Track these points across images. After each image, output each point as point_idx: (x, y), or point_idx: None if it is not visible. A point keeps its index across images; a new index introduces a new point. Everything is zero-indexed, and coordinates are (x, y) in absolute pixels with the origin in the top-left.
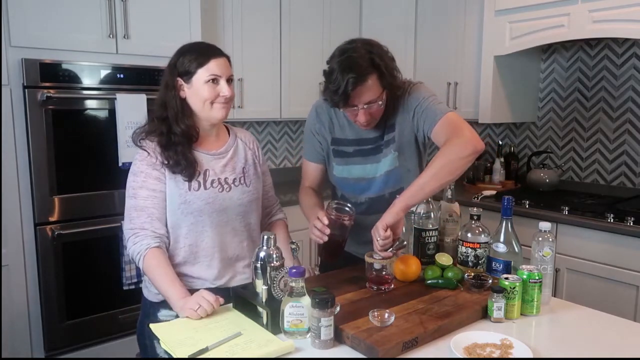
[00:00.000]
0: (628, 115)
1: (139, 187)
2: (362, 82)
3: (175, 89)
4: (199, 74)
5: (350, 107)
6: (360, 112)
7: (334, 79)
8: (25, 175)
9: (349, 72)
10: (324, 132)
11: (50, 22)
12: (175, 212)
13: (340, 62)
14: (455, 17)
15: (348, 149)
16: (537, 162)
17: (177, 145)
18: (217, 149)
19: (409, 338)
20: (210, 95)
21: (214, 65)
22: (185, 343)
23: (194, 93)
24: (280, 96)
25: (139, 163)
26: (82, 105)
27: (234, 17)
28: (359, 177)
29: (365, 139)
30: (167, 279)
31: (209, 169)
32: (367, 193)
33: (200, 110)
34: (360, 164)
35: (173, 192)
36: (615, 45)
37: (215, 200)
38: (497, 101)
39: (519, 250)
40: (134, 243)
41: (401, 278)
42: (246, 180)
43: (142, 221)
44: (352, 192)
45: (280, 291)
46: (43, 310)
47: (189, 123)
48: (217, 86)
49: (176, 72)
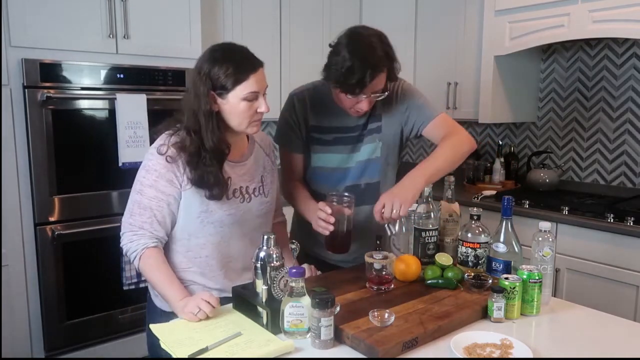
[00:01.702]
0: (628, 115)
1: (148, 185)
2: (379, 73)
3: (207, 101)
4: (237, 91)
5: (357, 95)
6: (365, 100)
7: (351, 66)
8: (25, 175)
9: (368, 62)
10: (302, 121)
11: (50, 22)
12: (194, 220)
13: (359, 51)
14: (455, 17)
15: (327, 136)
16: (537, 162)
17: (209, 167)
18: (238, 156)
19: (409, 338)
20: (248, 112)
21: (253, 82)
22: (185, 343)
23: (230, 109)
24: (280, 96)
25: (155, 161)
26: (82, 105)
27: (234, 18)
28: (336, 167)
29: (347, 127)
30: (166, 279)
31: (231, 176)
32: (343, 182)
33: (236, 125)
34: (338, 153)
35: (193, 198)
36: (615, 45)
37: (236, 211)
38: (497, 101)
39: (519, 250)
40: (130, 240)
41: (401, 278)
42: (264, 190)
43: (143, 220)
44: (327, 183)
45: (280, 291)
46: (43, 310)
47: (221, 136)
48: (255, 102)
49: (210, 83)
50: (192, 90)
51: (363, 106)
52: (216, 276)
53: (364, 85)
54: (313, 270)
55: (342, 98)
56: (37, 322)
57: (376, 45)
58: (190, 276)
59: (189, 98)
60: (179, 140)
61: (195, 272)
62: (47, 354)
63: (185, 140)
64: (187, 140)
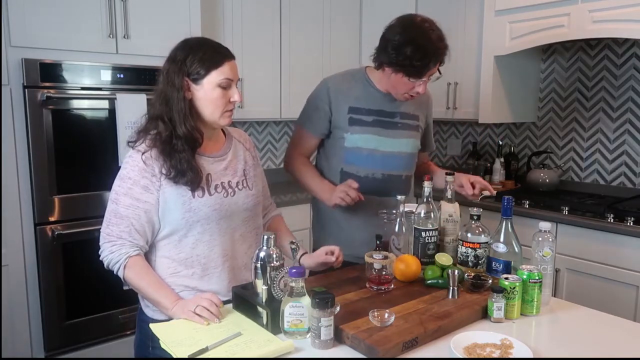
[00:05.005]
0: (628, 115)
1: (123, 194)
2: (442, 56)
3: (181, 87)
4: (211, 77)
5: (419, 78)
6: (423, 84)
7: (415, 49)
8: (25, 175)
9: (433, 46)
10: (330, 105)
11: (50, 22)
12: (180, 222)
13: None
14: (455, 17)
15: (367, 118)
16: (537, 162)
17: (181, 152)
18: (216, 151)
19: (409, 338)
20: (222, 100)
21: (227, 69)
22: (185, 343)
23: (203, 96)
24: (280, 96)
25: (129, 168)
26: (82, 105)
27: (234, 18)
28: (373, 149)
29: (384, 111)
30: (156, 283)
31: (210, 172)
32: (383, 168)
33: (209, 114)
34: (378, 135)
35: (175, 201)
36: (615, 45)
37: (221, 206)
38: (497, 101)
39: (519, 250)
40: (110, 252)
41: (401, 278)
42: (249, 183)
43: (120, 229)
44: (361, 164)
45: (280, 291)
46: (43, 310)
47: (194, 125)
48: (229, 90)
49: (185, 70)
50: (165, 78)
51: (420, 89)
52: (209, 275)
53: (428, 69)
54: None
55: (400, 83)
56: (37, 322)
57: (435, 29)
58: (181, 280)
59: (161, 87)
60: (152, 130)
61: (186, 274)
62: (47, 354)
63: (157, 129)
64: (159, 126)
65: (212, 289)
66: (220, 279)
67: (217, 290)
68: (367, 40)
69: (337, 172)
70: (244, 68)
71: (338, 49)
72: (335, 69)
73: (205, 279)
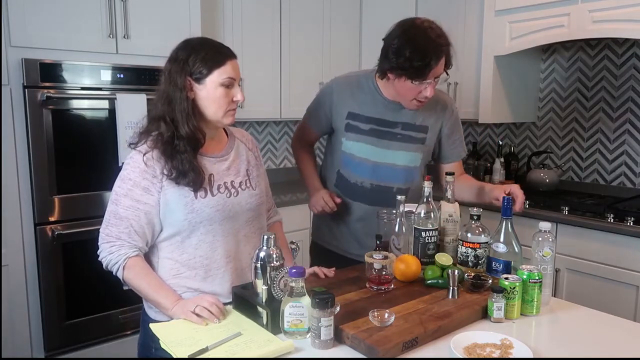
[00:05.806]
0: (628, 115)
1: (123, 195)
2: (442, 55)
3: (184, 87)
4: (214, 76)
5: (423, 80)
6: (429, 86)
7: (415, 50)
8: (25, 175)
9: (432, 43)
10: (334, 105)
11: (50, 22)
12: (182, 223)
13: (421, 36)
14: (455, 17)
15: (364, 125)
16: (537, 162)
17: (183, 153)
18: (218, 151)
19: (409, 338)
20: (225, 99)
21: (230, 68)
22: (185, 343)
23: (205, 95)
24: (280, 96)
25: (130, 169)
26: (82, 105)
27: (234, 18)
28: (365, 158)
29: (385, 120)
30: (156, 284)
31: (213, 173)
32: (372, 178)
33: (212, 113)
34: (372, 145)
35: (178, 202)
36: (615, 45)
37: (224, 206)
38: (497, 101)
39: (519, 250)
40: (109, 252)
41: (401, 278)
42: (252, 183)
43: (119, 230)
44: (353, 170)
45: (280, 291)
46: (43, 310)
47: (197, 125)
48: (232, 89)
49: (187, 70)
50: (167, 78)
51: (427, 93)
52: (212, 276)
53: (430, 68)
54: (323, 272)
55: (405, 88)
56: (37, 322)
57: (434, 27)
58: (184, 282)
59: (163, 88)
60: (153, 134)
61: (189, 276)
62: (47, 354)
63: (159, 128)
64: (161, 127)
65: (215, 290)
66: (224, 280)
67: (220, 291)
68: (367, 41)
69: (334, 171)
70: (244, 68)
71: (338, 49)
72: (335, 69)
73: (208, 280)
